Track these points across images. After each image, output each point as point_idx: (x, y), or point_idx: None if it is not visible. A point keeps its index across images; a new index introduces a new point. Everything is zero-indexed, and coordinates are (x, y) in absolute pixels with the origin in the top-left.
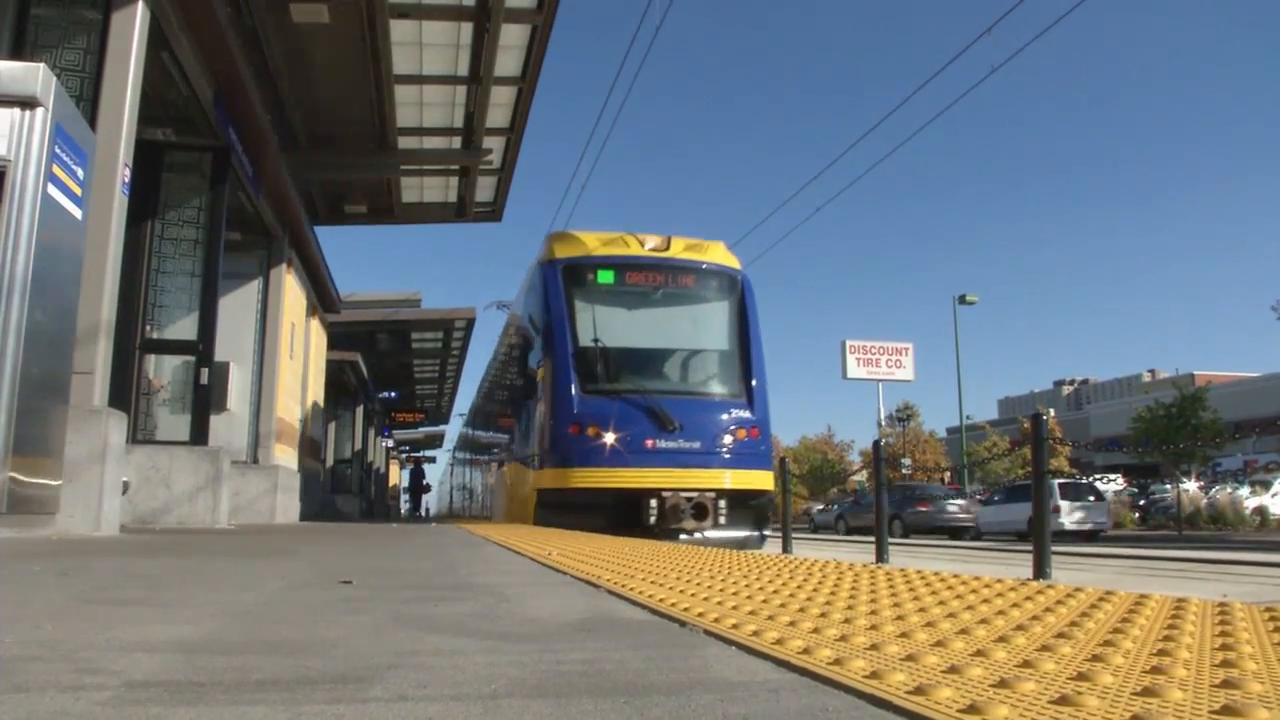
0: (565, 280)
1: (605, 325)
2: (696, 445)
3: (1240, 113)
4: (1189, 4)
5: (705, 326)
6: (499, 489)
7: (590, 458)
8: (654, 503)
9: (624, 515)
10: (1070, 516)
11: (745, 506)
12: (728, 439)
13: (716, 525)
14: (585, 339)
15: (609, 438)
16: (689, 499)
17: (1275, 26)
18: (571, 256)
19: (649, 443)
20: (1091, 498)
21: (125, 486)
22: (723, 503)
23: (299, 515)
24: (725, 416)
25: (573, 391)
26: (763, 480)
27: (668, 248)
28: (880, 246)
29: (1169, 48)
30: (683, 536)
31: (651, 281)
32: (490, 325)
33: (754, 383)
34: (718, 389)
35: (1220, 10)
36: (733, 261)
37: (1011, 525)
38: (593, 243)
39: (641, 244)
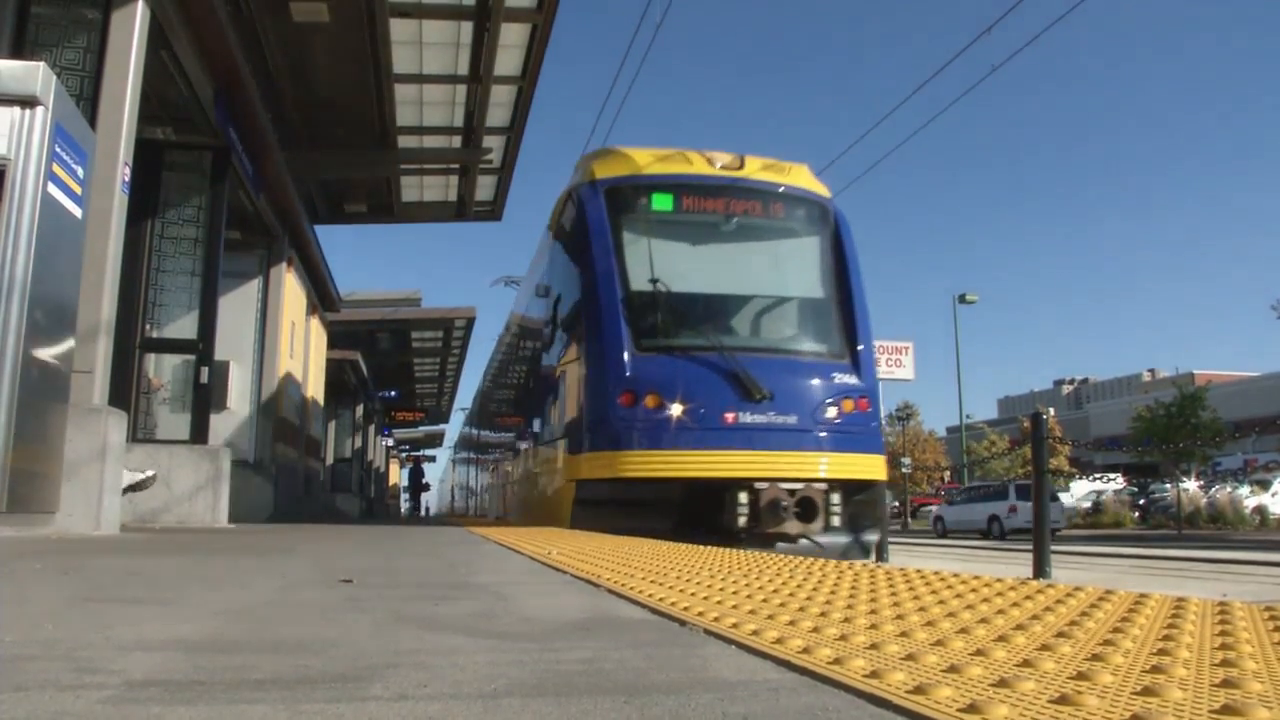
0: (610, 207)
1: (665, 263)
2: (792, 420)
3: (1241, 111)
4: (1189, 1)
5: (794, 267)
6: (517, 483)
7: (650, 436)
8: (744, 497)
9: (698, 514)
10: (1027, 515)
11: (857, 502)
12: (832, 412)
13: (829, 527)
14: (639, 281)
15: (675, 409)
16: (791, 491)
17: (1275, 26)
18: (618, 176)
19: (729, 416)
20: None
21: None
22: (835, 496)
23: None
24: (827, 382)
25: (624, 349)
26: (877, 467)
27: (741, 167)
28: (880, 246)
29: (1170, 47)
30: (780, 545)
31: (723, 209)
32: (492, 319)
33: (859, 342)
34: (814, 347)
35: (1220, 9)
36: (822, 189)
37: (973, 524)
38: (645, 159)
39: (710, 162)
